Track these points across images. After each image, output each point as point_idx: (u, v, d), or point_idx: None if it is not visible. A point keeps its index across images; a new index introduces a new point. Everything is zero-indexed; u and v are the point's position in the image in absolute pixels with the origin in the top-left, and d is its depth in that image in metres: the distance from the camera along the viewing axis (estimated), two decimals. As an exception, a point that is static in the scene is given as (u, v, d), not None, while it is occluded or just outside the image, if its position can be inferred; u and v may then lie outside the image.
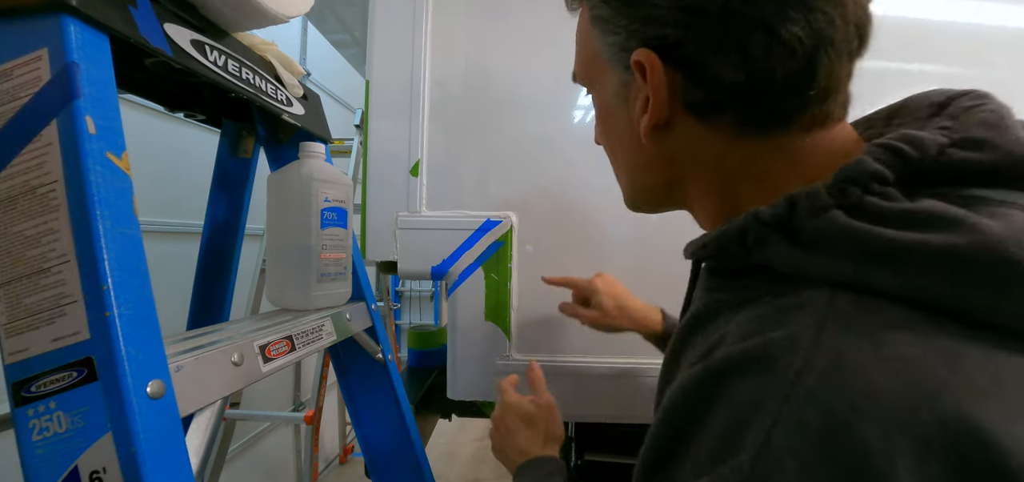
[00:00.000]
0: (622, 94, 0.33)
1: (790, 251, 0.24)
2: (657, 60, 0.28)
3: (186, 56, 0.40)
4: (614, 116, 0.35)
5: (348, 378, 0.69)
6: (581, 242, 0.82)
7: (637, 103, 0.31)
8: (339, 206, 0.58)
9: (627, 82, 0.32)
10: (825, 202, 0.23)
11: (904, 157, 0.23)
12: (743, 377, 0.22)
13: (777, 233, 0.24)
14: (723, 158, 0.30)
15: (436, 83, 0.84)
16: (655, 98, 0.29)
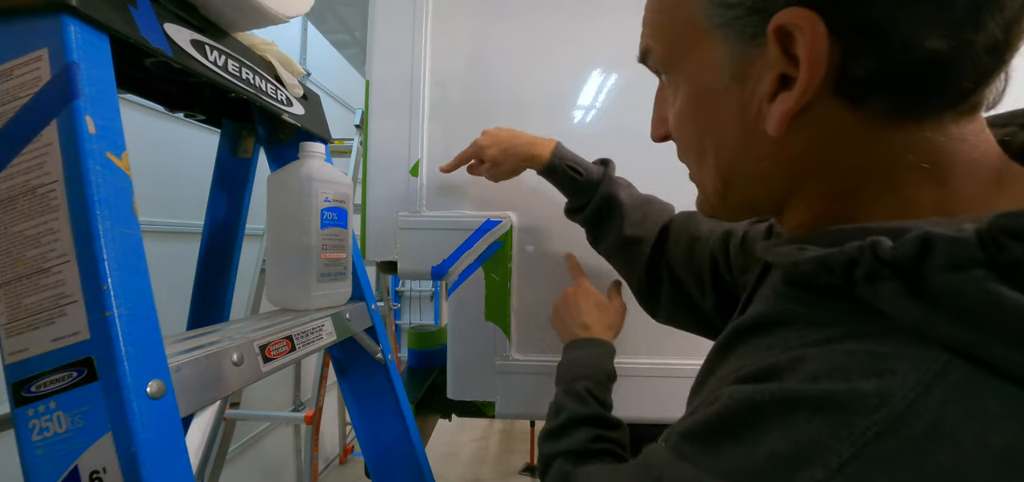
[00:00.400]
0: (736, 72, 0.26)
1: (907, 301, 0.19)
2: (821, 23, 0.22)
3: (186, 56, 0.40)
4: (716, 101, 0.28)
5: (348, 378, 0.69)
6: (581, 242, 0.82)
7: (764, 82, 0.25)
8: (339, 206, 0.58)
9: (748, 55, 0.25)
10: (973, 255, 0.18)
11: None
12: (815, 414, 0.19)
13: (896, 277, 0.20)
14: (859, 155, 0.24)
15: (436, 83, 0.84)
16: (810, 75, 0.23)
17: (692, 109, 0.30)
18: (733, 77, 0.26)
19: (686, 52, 0.29)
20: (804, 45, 0.22)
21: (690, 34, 0.28)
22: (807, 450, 0.19)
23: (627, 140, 0.79)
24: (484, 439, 3.18)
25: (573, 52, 0.83)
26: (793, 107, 0.24)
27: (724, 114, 0.28)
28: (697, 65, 0.28)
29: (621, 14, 0.81)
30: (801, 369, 0.21)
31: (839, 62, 0.23)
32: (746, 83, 0.26)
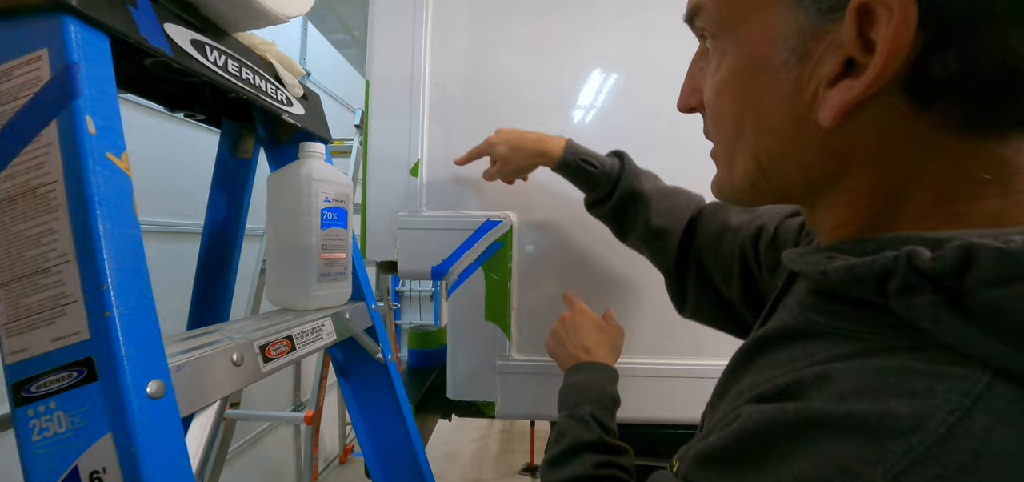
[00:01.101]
0: (799, 45, 0.23)
1: (947, 316, 0.18)
2: (913, 6, 0.19)
3: (186, 56, 0.40)
4: (768, 77, 0.25)
5: (348, 378, 0.69)
6: (581, 242, 0.82)
7: (827, 64, 0.22)
8: (339, 206, 0.58)
9: (817, 31, 0.22)
10: (1019, 271, 0.17)
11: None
12: (843, 436, 0.18)
13: (936, 291, 0.19)
14: (915, 158, 0.22)
15: (436, 83, 0.84)
16: (886, 63, 0.20)
17: (738, 80, 0.27)
18: (794, 51, 0.23)
19: (748, 15, 0.26)
20: (889, 27, 0.20)
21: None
22: (836, 479, 0.17)
23: (627, 140, 0.79)
24: (484, 439, 3.18)
25: (573, 52, 0.83)
26: (856, 98, 0.21)
27: (775, 91, 0.25)
28: (756, 31, 0.25)
29: (621, 14, 0.81)
30: (827, 387, 0.20)
31: (917, 56, 0.20)
32: (807, 61, 0.23)
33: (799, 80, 0.24)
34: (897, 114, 0.22)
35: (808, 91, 0.23)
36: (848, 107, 0.22)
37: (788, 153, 0.26)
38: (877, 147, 0.23)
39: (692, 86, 0.33)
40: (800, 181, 0.26)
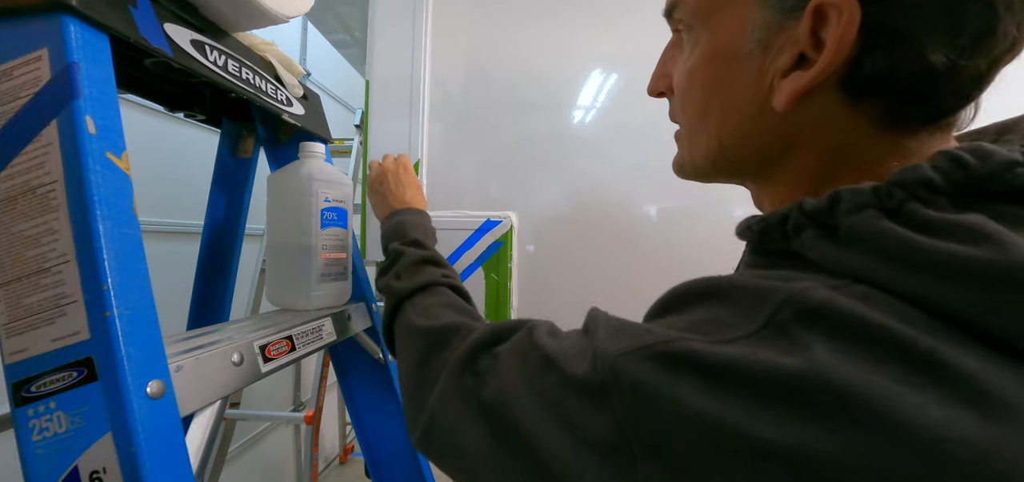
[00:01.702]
0: (763, 38, 0.27)
1: (823, 243, 0.24)
2: (858, 13, 0.23)
3: (186, 56, 0.40)
4: (735, 64, 0.29)
5: (348, 378, 0.69)
6: (581, 242, 0.82)
7: (784, 56, 0.26)
8: (339, 206, 0.58)
9: (780, 26, 0.26)
10: (866, 201, 0.23)
11: (966, 167, 0.22)
12: (728, 300, 0.24)
13: (815, 224, 0.24)
14: (846, 150, 0.27)
15: (436, 83, 0.84)
16: (831, 58, 0.24)
17: (709, 67, 0.31)
18: (759, 42, 0.27)
19: (720, 8, 0.29)
20: (837, 28, 0.24)
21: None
22: (723, 318, 0.23)
23: (627, 140, 0.79)
24: (484, 439, 3.18)
25: (573, 52, 0.83)
26: (804, 87, 0.25)
27: (739, 77, 0.29)
28: (728, 23, 0.29)
29: (621, 14, 0.81)
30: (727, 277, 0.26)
31: (855, 57, 0.24)
32: (768, 52, 0.27)
33: (761, 68, 0.27)
34: (835, 107, 0.26)
35: (767, 79, 0.27)
36: (797, 95, 0.26)
37: (747, 133, 0.30)
38: (818, 134, 0.27)
39: (663, 71, 0.36)
40: (754, 158, 0.30)
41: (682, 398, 0.21)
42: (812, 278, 0.23)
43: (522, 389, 0.29)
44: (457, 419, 0.34)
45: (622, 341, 0.25)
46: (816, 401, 0.19)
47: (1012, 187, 0.21)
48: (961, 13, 0.23)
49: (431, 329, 0.43)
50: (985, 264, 0.19)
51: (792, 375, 0.19)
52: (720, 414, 0.20)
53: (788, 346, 0.21)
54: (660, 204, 0.79)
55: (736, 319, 0.23)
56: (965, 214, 0.21)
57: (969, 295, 0.19)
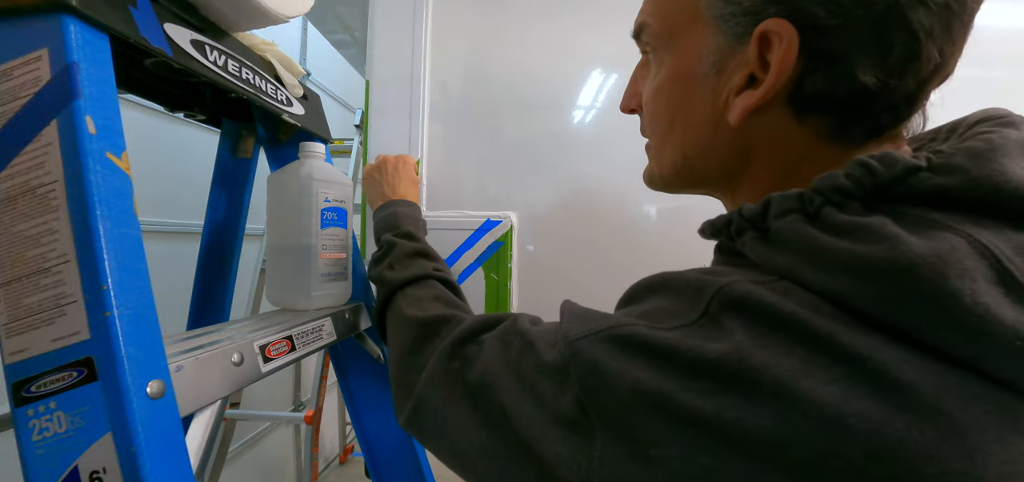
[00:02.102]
0: (718, 61, 0.30)
1: (758, 244, 0.27)
2: (796, 38, 0.26)
3: (186, 56, 0.40)
4: (693, 84, 0.31)
5: (348, 378, 0.69)
6: (581, 242, 0.82)
7: (736, 77, 0.29)
8: (339, 206, 0.58)
9: (731, 50, 0.29)
10: (790, 206, 0.26)
11: (874, 174, 0.24)
12: (674, 291, 0.28)
13: (752, 227, 0.27)
14: (797, 161, 0.29)
15: (436, 83, 0.84)
16: (774, 79, 0.27)
17: (671, 87, 0.34)
18: (714, 65, 0.30)
19: (680, 34, 0.32)
20: (778, 52, 0.27)
21: (688, 19, 0.31)
22: (666, 306, 0.27)
23: (627, 140, 0.79)
24: (484, 439, 3.17)
25: (573, 52, 0.83)
26: (754, 103, 0.28)
27: (698, 96, 0.31)
28: (686, 48, 0.32)
29: (620, 14, 0.81)
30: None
31: (797, 77, 0.27)
32: (722, 73, 0.30)
33: (716, 88, 0.30)
34: (784, 122, 0.29)
35: (722, 97, 0.30)
36: (748, 110, 0.29)
37: (707, 146, 0.32)
38: (770, 147, 0.30)
39: (633, 89, 0.40)
40: (715, 170, 0.33)
41: (628, 371, 0.24)
42: (741, 274, 0.26)
43: (503, 371, 0.32)
44: (443, 400, 0.37)
45: (581, 326, 0.28)
46: (736, 379, 0.22)
47: (915, 191, 0.24)
48: (888, 39, 0.25)
49: (421, 319, 0.46)
50: (879, 261, 0.21)
51: (717, 357, 0.22)
52: (658, 386, 0.23)
53: (717, 332, 0.24)
54: (660, 204, 0.79)
55: (680, 309, 0.26)
56: (870, 217, 0.23)
57: (867, 288, 0.22)
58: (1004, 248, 0.21)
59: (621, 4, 0.83)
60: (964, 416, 0.19)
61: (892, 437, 0.19)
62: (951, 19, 0.25)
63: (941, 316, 0.20)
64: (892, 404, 0.19)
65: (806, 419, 0.20)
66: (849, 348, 0.21)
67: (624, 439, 0.24)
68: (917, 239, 0.21)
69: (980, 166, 0.23)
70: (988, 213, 0.23)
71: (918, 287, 0.20)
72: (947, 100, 0.30)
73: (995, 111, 0.28)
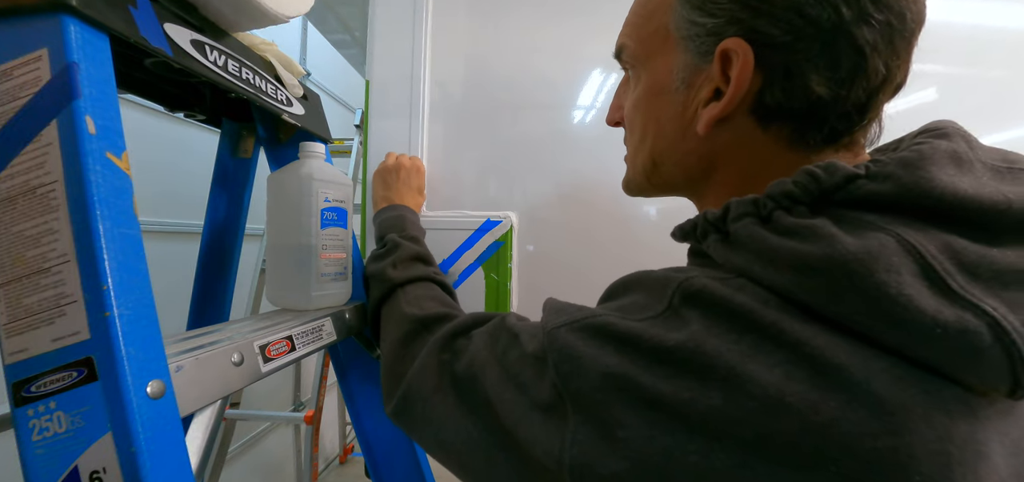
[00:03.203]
0: (686, 78, 0.33)
1: (720, 246, 0.29)
2: (751, 55, 0.29)
3: (186, 56, 0.40)
4: (665, 98, 0.35)
5: (348, 378, 0.69)
6: (582, 242, 0.82)
7: (703, 91, 0.32)
8: (339, 206, 0.58)
9: (698, 67, 0.32)
10: (746, 211, 0.28)
11: (818, 180, 0.26)
12: (647, 287, 0.30)
13: (714, 230, 0.30)
14: (761, 165, 0.32)
15: (436, 83, 0.84)
16: (734, 92, 0.30)
17: (645, 100, 0.37)
18: (683, 81, 0.33)
19: (654, 53, 0.36)
20: (736, 67, 0.29)
21: (660, 40, 0.35)
22: (640, 301, 0.29)
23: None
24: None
25: (573, 52, 0.83)
26: (718, 114, 0.31)
27: (669, 108, 0.35)
28: (659, 65, 0.35)
29: (620, 15, 0.81)
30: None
31: (758, 89, 0.30)
32: (691, 89, 0.33)
33: (685, 101, 0.33)
34: (748, 131, 0.31)
35: (690, 110, 0.33)
36: (714, 120, 0.31)
37: (674, 153, 0.36)
38: (736, 153, 0.33)
39: (617, 104, 0.44)
40: (680, 175, 0.37)
41: (600, 357, 0.26)
42: (702, 272, 0.28)
43: (490, 362, 0.35)
44: (432, 389, 0.39)
45: (559, 317, 0.30)
46: (691, 363, 0.24)
47: (853, 196, 0.26)
48: (836, 54, 0.28)
49: (417, 316, 0.48)
50: (817, 258, 0.24)
51: (675, 344, 0.25)
52: (624, 370, 0.25)
53: (677, 323, 0.26)
54: (660, 204, 0.79)
55: (648, 302, 0.28)
56: (813, 219, 0.26)
57: (808, 283, 0.24)
58: (929, 246, 0.23)
59: (620, 7, 0.83)
60: (892, 397, 0.21)
61: (827, 414, 0.21)
62: (893, 34, 0.28)
63: (870, 306, 0.22)
64: (827, 385, 0.21)
65: (751, 399, 0.22)
66: (790, 336, 0.23)
67: (594, 421, 0.25)
68: (851, 238, 0.24)
69: (909, 173, 0.25)
70: (916, 215, 0.25)
71: (850, 281, 0.23)
72: (947, 99, 0.32)
73: (934, 124, 0.30)
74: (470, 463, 0.35)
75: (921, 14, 0.29)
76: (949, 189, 0.25)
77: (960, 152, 0.27)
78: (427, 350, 0.42)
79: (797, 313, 0.24)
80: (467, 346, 0.39)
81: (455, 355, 0.39)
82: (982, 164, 0.27)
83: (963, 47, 0.79)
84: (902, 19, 0.28)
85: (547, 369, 0.28)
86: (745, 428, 0.22)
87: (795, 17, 0.28)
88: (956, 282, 0.22)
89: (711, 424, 0.23)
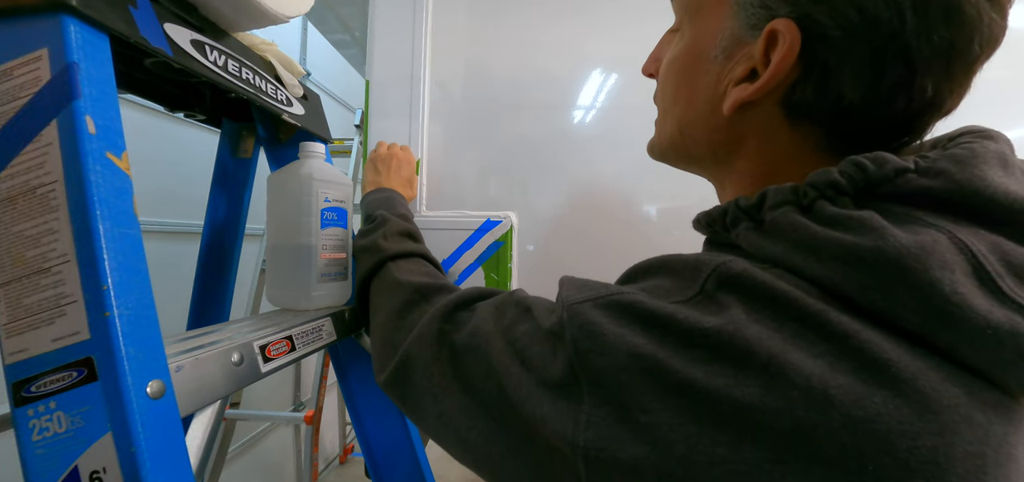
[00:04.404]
0: (728, 46, 0.31)
1: (752, 234, 0.28)
2: (799, 42, 0.27)
3: (186, 56, 0.40)
4: (702, 65, 0.33)
5: (348, 378, 0.69)
6: (582, 242, 0.82)
7: (739, 67, 0.30)
8: (339, 206, 0.58)
9: (742, 40, 0.30)
10: (785, 199, 0.27)
11: (866, 172, 0.25)
12: (673, 271, 0.29)
13: (747, 218, 0.29)
14: (787, 160, 0.31)
15: (436, 83, 0.84)
16: (770, 78, 0.28)
17: (683, 60, 0.35)
18: (724, 51, 0.32)
19: (706, 11, 0.33)
20: (782, 51, 0.28)
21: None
22: (665, 285, 0.28)
23: (628, 140, 0.79)
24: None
25: (573, 52, 0.83)
26: (747, 97, 0.30)
27: (703, 77, 0.33)
28: (705, 26, 0.33)
29: (621, 15, 0.81)
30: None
31: (791, 83, 0.28)
32: (728, 61, 0.31)
33: (719, 73, 0.32)
34: (776, 123, 0.30)
35: (723, 84, 0.31)
36: (740, 103, 0.30)
37: (700, 126, 0.34)
38: (761, 142, 0.31)
39: (657, 55, 0.40)
40: (706, 151, 0.35)
41: (625, 335, 0.25)
42: (735, 256, 0.27)
43: (494, 333, 0.33)
44: (432, 358, 0.38)
45: (582, 293, 0.28)
46: (729, 349, 0.23)
47: (901, 190, 0.25)
48: (883, 63, 0.26)
49: (414, 284, 0.46)
50: (867, 250, 0.23)
51: (713, 329, 0.23)
52: (653, 352, 0.24)
53: (714, 307, 0.25)
54: (660, 204, 0.79)
55: (677, 287, 0.27)
56: (860, 211, 0.25)
57: (854, 275, 0.23)
58: (980, 246, 0.23)
59: (621, 7, 0.83)
60: (937, 396, 0.20)
61: (871, 410, 0.20)
62: (953, 57, 0.26)
63: (922, 303, 0.22)
64: (872, 379, 0.21)
65: (793, 389, 0.21)
66: (836, 326, 0.22)
67: (613, 403, 0.24)
68: (903, 232, 0.23)
69: (962, 171, 0.24)
70: (967, 215, 0.24)
71: (902, 275, 0.22)
72: None
73: (975, 127, 0.29)
74: (468, 437, 0.33)
75: (993, 39, 0.26)
76: (1001, 190, 0.24)
77: (1007, 156, 0.26)
78: (428, 318, 0.40)
79: (842, 306, 0.23)
80: (470, 318, 0.37)
81: (456, 326, 0.38)
82: (1021, 171, 0.26)
83: (963, 47, 0.79)
84: (969, 43, 0.26)
85: (563, 346, 0.27)
86: (783, 420, 0.21)
87: (853, 12, 0.26)
88: (1006, 284, 0.22)
89: (745, 414, 0.21)
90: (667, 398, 0.23)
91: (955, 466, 0.20)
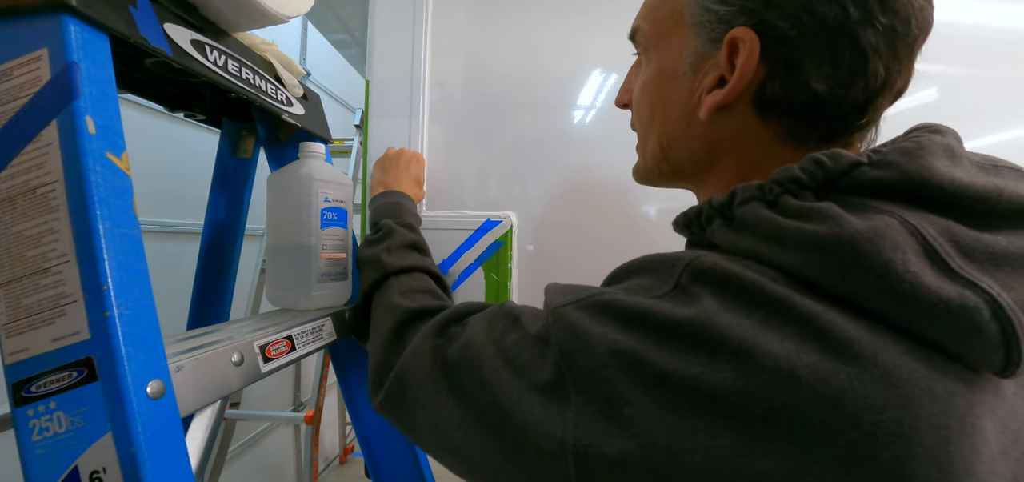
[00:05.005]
0: (694, 63, 0.34)
1: (725, 230, 0.30)
2: (758, 46, 0.30)
3: (186, 56, 0.40)
4: (673, 82, 0.35)
5: (348, 378, 0.69)
6: (582, 241, 0.82)
7: (708, 77, 0.33)
8: (339, 206, 0.58)
9: (706, 54, 0.33)
10: (752, 195, 0.29)
11: (824, 167, 0.28)
12: (651, 269, 0.30)
13: (719, 216, 0.30)
14: (760, 157, 0.33)
15: (436, 83, 0.84)
16: (738, 81, 0.31)
17: (654, 83, 0.37)
18: (691, 66, 0.34)
19: (666, 36, 0.36)
20: (743, 57, 0.30)
21: (674, 23, 0.35)
22: (645, 283, 0.29)
23: (627, 140, 0.79)
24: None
25: (573, 52, 0.83)
26: (721, 101, 0.32)
27: (676, 93, 0.35)
28: (670, 49, 0.36)
29: (621, 15, 0.81)
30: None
31: (760, 82, 0.31)
32: (697, 75, 0.34)
33: (691, 87, 0.34)
34: (748, 121, 0.32)
35: (695, 95, 0.34)
36: (715, 107, 0.32)
37: (680, 139, 0.36)
38: (735, 143, 0.33)
39: (627, 87, 0.44)
40: (688, 162, 0.37)
41: (606, 333, 0.26)
42: (708, 251, 0.29)
43: (486, 345, 0.34)
44: (426, 374, 0.38)
45: (564, 297, 0.30)
46: (702, 337, 0.24)
47: (856, 182, 0.27)
48: (838, 53, 0.29)
49: (409, 308, 0.48)
50: (825, 237, 0.24)
51: (686, 319, 0.25)
52: (632, 346, 0.25)
53: (687, 299, 0.26)
54: (660, 204, 0.79)
55: (655, 283, 0.29)
56: (820, 202, 0.26)
57: (816, 260, 0.25)
58: (929, 228, 0.24)
59: (621, 7, 0.83)
60: (897, 371, 0.22)
61: (836, 387, 0.21)
62: (896, 40, 0.29)
63: (877, 283, 0.23)
64: (836, 358, 0.22)
65: (763, 371, 0.22)
66: (801, 310, 0.23)
67: (599, 399, 0.25)
68: (857, 219, 0.25)
69: (910, 161, 0.26)
70: (916, 201, 0.26)
71: (858, 258, 0.23)
72: (947, 99, 0.32)
73: (925, 123, 0.31)
74: (464, 449, 0.34)
75: (926, 22, 0.30)
76: (946, 177, 0.26)
77: (953, 147, 0.28)
78: (421, 335, 0.41)
79: (806, 291, 0.24)
80: (462, 332, 0.38)
81: (449, 341, 0.39)
82: (969, 161, 0.28)
83: (964, 47, 0.79)
84: (907, 25, 0.29)
85: (550, 349, 0.28)
86: (756, 402, 0.22)
87: (803, 13, 0.29)
88: (955, 262, 0.23)
89: (720, 400, 0.23)
90: (648, 390, 0.24)
91: (921, 437, 0.20)
